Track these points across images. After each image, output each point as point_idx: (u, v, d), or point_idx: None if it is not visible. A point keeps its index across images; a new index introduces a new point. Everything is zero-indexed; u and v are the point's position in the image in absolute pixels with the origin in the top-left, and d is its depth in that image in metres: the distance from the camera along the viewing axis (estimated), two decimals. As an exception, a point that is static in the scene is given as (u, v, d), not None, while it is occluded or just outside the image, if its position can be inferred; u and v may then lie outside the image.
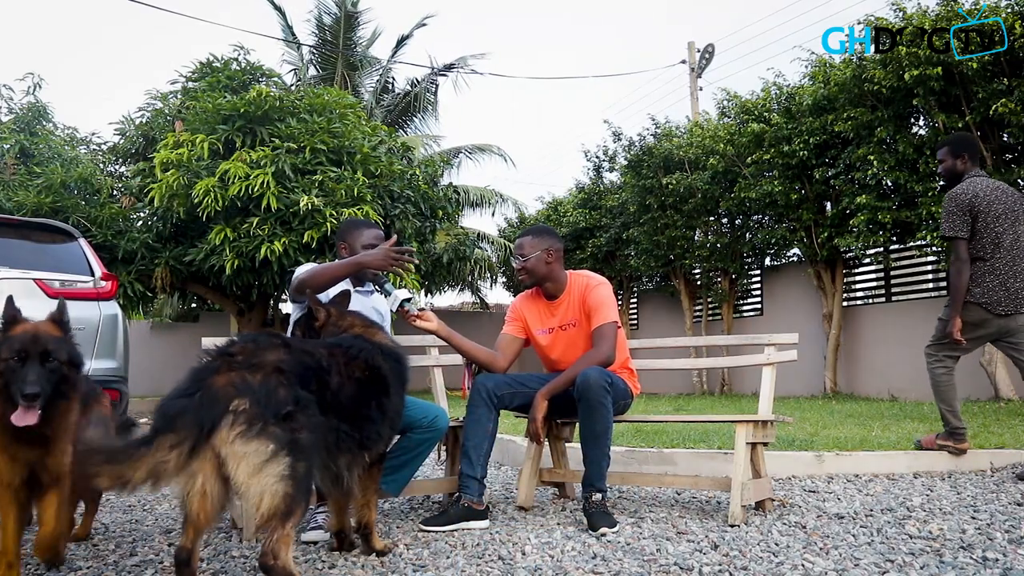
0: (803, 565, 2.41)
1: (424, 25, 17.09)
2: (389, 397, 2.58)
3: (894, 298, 10.55)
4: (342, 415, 2.36)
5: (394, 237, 2.91)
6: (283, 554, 2.07)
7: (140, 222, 10.32)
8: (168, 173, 8.50)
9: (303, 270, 3.03)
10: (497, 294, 44.87)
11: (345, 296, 2.90)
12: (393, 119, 16.75)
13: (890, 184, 9.08)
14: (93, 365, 4.93)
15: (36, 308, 4.76)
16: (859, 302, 11.10)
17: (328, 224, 8.15)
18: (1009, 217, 4.13)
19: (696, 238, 12.54)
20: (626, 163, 13.12)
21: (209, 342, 2.79)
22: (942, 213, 4.22)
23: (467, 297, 19.64)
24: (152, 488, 2.05)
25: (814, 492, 3.71)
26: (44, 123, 11.70)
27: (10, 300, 2.36)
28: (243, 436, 2.02)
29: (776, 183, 10.25)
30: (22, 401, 2.19)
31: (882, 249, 10.06)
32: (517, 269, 3.40)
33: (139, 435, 2.11)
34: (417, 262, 2.89)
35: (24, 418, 2.20)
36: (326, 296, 2.97)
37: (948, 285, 4.24)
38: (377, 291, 3.30)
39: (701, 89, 16.99)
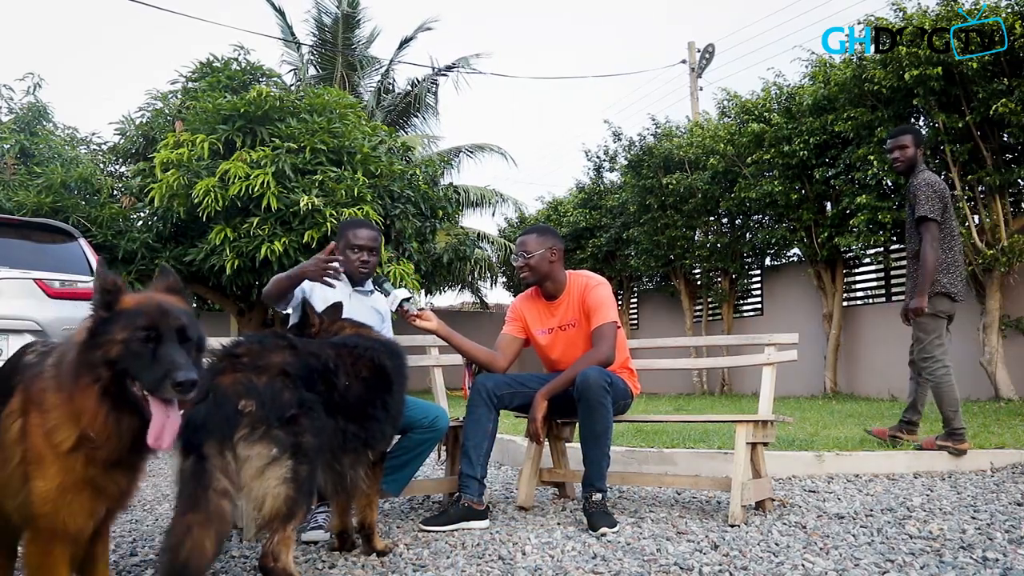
0: (803, 565, 2.41)
1: (430, 29, 17.09)
2: (392, 394, 2.58)
3: (894, 298, 10.54)
4: (349, 415, 2.36)
5: (331, 244, 2.95)
6: (283, 556, 2.07)
7: (140, 222, 10.32)
8: (168, 173, 8.50)
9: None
10: (497, 294, 44.86)
11: (336, 308, 2.88)
12: (393, 119, 16.74)
13: (890, 184, 9.08)
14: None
15: (36, 308, 4.80)
16: (859, 302, 11.11)
17: (328, 224, 8.16)
18: (952, 211, 4.45)
19: (696, 238, 12.54)
20: (626, 163, 13.13)
21: (209, 342, 2.80)
22: (919, 197, 4.30)
23: (467, 297, 19.65)
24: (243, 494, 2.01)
25: (814, 492, 3.71)
26: (44, 123, 11.70)
27: (102, 262, 1.69)
28: (247, 439, 2.03)
29: (776, 183, 10.25)
30: (176, 391, 1.56)
31: (882, 249, 10.06)
32: (520, 267, 3.39)
33: (188, 465, 1.97)
34: (340, 268, 2.96)
35: (169, 430, 1.57)
36: (324, 301, 2.97)
37: (922, 265, 4.28)
38: (377, 291, 3.30)
39: (701, 89, 16.98)
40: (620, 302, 14.54)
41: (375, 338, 2.72)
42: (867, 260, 10.54)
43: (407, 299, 3.09)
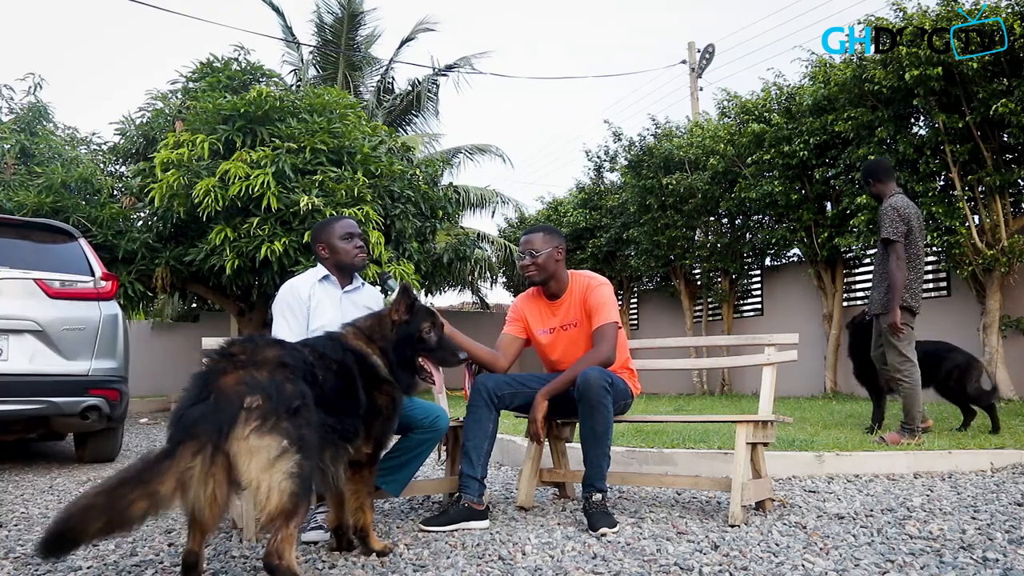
0: (803, 565, 2.41)
1: (430, 30, 17.07)
2: (358, 391, 2.56)
3: (894, 298, 10.53)
4: (327, 409, 2.37)
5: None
6: (287, 554, 2.07)
7: (140, 222, 10.30)
8: (168, 173, 8.49)
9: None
10: (497, 294, 44.85)
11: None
12: (394, 119, 16.74)
13: (890, 184, 9.07)
14: (93, 365, 4.95)
15: (36, 308, 4.80)
16: (859, 302, 11.10)
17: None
18: (921, 231, 4.95)
19: (696, 238, 12.54)
20: (626, 163, 13.12)
21: (210, 342, 2.80)
22: (883, 220, 4.86)
23: (467, 297, 19.67)
24: (181, 499, 2.02)
25: (814, 492, 3.71)
26: (44, 123, 11.68)
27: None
28: (258, 431, 2.04)
29: (776, 183, 10.25)
30: None
31: (882, 249, 10.06)
32: (526, 265, 3.38)
33: (158, 449, 2.09)
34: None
35: None
36: (320, 306, 3.05)
37: (891, 284, 4.80)
38: (381, 287, 3.31)
39: (701, 89, 16.98)
40: (620, 302, 14.54)
41: (337, 340, 2.68)
42: (867, 260, 10.53)
43: None
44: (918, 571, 2.32)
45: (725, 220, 12.53)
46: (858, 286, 11.26)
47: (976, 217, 8.58)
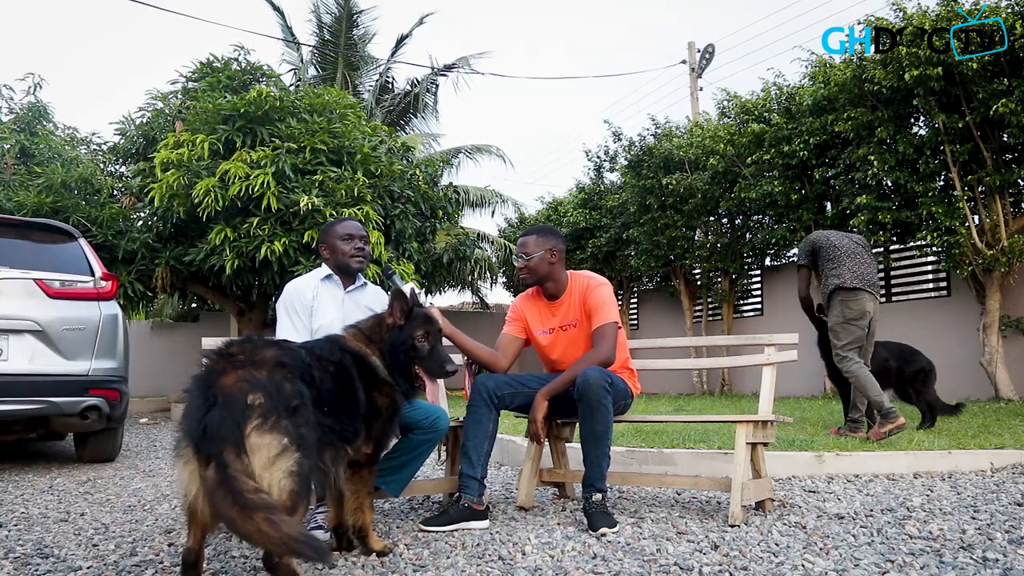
0: (803, 565, 2.41)
1: (423, 23, 17.03)
2: (357, 392, 2.55)
3: (894, 298, 10.55)
4: (323, 408, 2.37)
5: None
6: (287, 553, 2.07)
7: (140, 222, 10.30)
8: (168, 173, 8.49)
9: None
10: (497, 294, 44.88)
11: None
12: (393, 119, 16.73)
13: (890, 184, 9.08)
14: (93, 365, 4.95)
15: (36, 308, 4.80)
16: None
17: (328, 224, 8.15)
18: (840, 238, 5.44)
19: (696, 238, 12.54)
20: (626, 163, 13.13)
21: (210, 342, 2.80)
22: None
23: (467, 297, 19.67)
24: None
25: (814, 492, 3.71)
26: (44, 123, 11.68)
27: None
28: (259, 429, 2.04)
29: (776, 183, 10.25)
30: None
31: (882, 249, 10.06)
32: (519, 268, 3.39)
33: (212, 475, 1.98)
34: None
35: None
36: (324, 307, 3.06)
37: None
38: (387, 282, 3.31)
39: (701, 89, 16.98)
40: (620, 302, 14.53)
41: (336, 342, 2.68)
42: (867, 260, 10.53)
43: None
44: (918, 571, 2.32)
45: (725, 220, 12.53)
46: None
47: (976, 217, 8.59)
